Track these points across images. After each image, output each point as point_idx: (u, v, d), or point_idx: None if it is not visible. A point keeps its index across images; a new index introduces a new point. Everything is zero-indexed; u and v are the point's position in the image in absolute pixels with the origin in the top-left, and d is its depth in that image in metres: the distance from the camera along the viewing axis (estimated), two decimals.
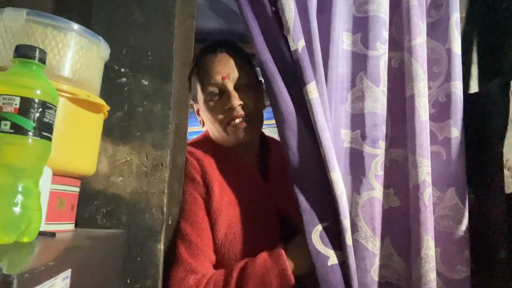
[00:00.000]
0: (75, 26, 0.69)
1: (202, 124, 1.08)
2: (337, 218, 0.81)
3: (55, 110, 0.51)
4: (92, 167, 0.73)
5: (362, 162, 0.86)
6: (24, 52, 0.49)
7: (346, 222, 0.80)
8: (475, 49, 1.10)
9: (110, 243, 0.70)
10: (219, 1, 1.58)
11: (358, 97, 0.89)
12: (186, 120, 0.96)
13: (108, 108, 0.73)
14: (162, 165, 0.84)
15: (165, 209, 0.83)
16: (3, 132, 0.45)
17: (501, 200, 0.90)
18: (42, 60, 0.50)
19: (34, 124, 0.47)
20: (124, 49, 0.87)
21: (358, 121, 0.88)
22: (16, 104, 0.46)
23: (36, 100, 0.47)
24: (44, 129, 0.48)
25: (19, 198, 0.46)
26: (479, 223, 0.93)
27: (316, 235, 0.80)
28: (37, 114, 0.47)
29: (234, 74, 0.97)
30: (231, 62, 0.98)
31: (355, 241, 0.82)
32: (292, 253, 0.84)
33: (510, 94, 0.99)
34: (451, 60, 0.95)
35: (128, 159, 0.84)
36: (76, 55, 0.69)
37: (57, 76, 0.65)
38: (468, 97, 1.00)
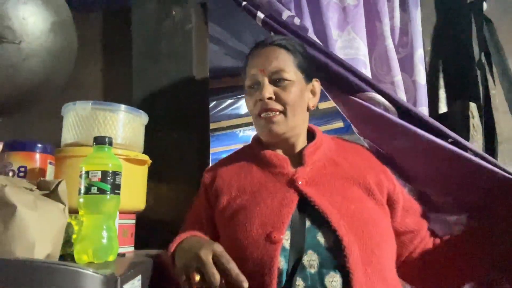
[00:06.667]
0: (123, 107, 0.98)
1: None
2: None
3: (121, 174, 0.79)
4: (142, 204, 1.01)
5: None
6: (99, 141, 0.78)
7: None
8: (441, 75, 1.31)
9: (160, 258, 0.97)
10: (228, 46, 1.89)
11: None
12: (208, 158, 1.24)
13: (150, 161, 1.01)
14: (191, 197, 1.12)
15: None
16: (93, 194, 0.73)
17: None
18: (111, 144, 0.79)
19: (110, 187, 0.75)
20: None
21: None
22: (99, 176, 0.74)
23: (110, 171, 0.75)
24: (116, 189, 0.76)
25: (105, 233, 0.74)
26: None
27: None
28: (111, 180, 0.75)
29: (272, 66, 0.88)
30: (273, 55, 0.89)
31: None
32: None
33: (470, 114, 1.20)
34: (417, 89, 1.17)
35: (167, 196, 1.13)
36: (126, 126, 0.98)
37: (115, 143, 0.93)
38: (439, 117, 1.21)
